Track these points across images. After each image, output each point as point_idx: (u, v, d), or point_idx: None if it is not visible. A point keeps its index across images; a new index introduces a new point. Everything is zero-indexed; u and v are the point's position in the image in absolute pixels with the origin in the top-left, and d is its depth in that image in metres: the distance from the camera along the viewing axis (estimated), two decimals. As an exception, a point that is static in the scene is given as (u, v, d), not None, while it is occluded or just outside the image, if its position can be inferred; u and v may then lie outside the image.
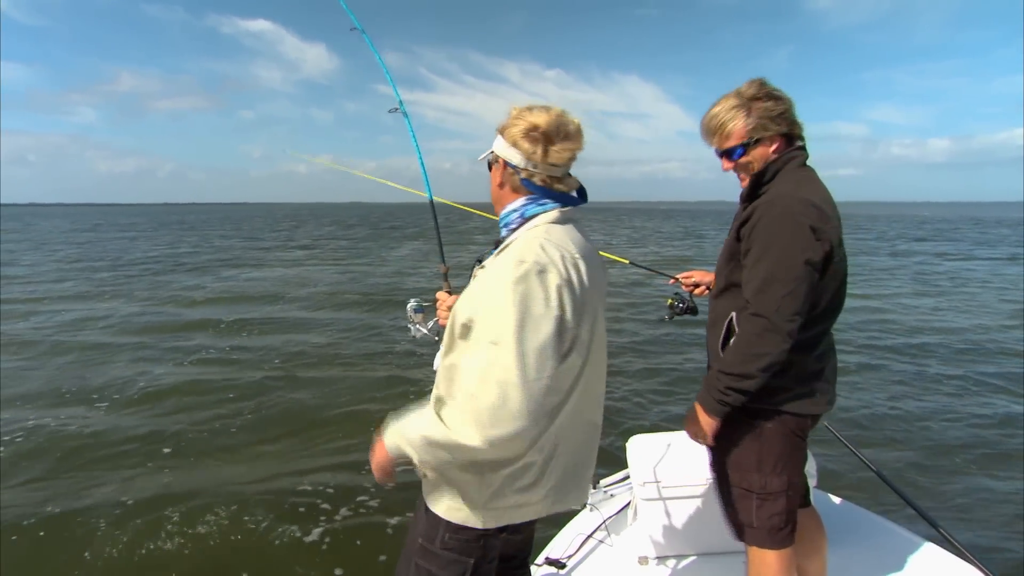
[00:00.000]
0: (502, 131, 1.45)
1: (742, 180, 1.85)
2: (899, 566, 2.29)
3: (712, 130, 1.82)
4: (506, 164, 1.45)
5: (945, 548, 2.31)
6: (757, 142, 1.77)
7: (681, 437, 2.63)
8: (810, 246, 1.64)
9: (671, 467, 2.40)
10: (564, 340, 1.29)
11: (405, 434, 1.34)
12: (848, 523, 2.51)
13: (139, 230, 45.89)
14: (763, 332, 1.65)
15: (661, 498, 2.39)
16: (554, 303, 1.26)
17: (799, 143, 1.82)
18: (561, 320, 1.27)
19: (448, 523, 1.44)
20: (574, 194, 1.50)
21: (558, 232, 1.40)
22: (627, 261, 3.03)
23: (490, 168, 1.53)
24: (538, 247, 1.33)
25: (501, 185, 1.48)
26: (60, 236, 38.21)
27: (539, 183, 1.43)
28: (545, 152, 1.40)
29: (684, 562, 2.43)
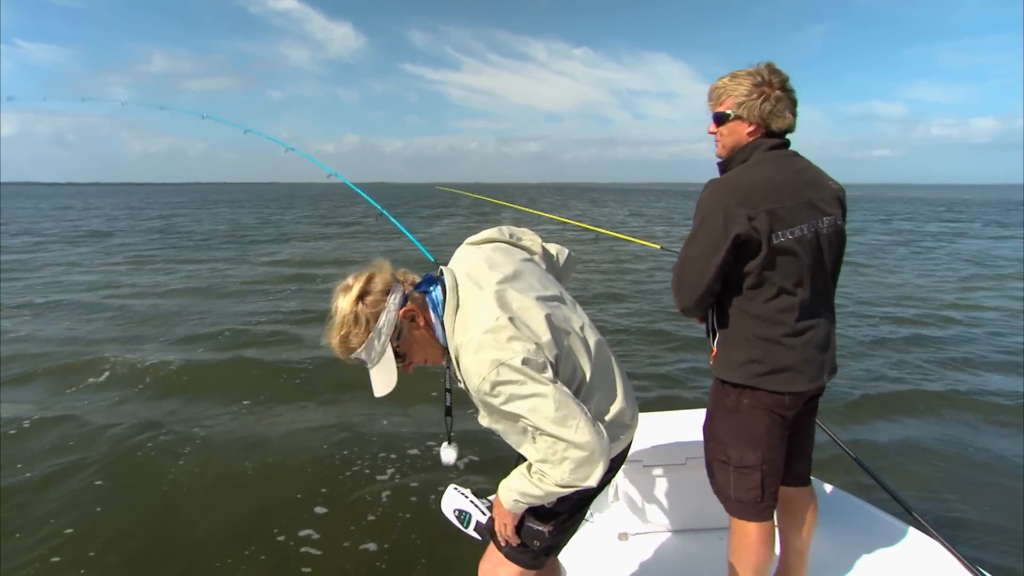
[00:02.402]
0: (374, 315, 1.51)
1: (717, 148, 1.97)
2: (872, 545, 2.36)
3: (712, 96, 1.95)
4: (406, 316, 1.55)
5: (918, 529, 2.38)
6: (738, 117, 1.88)
7: (660, 417, 2.70)
8: (719, 223, 1.77)
9: (651, 446, 2.46)
10: (552, 377, 1.45)
11: (523, 493, 1.56)
12: (829, 505, 2.57)
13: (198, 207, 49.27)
14: (680, 296, 1.91)
15: (641, 476, 2.44)
16: (531, 375, 1.41)
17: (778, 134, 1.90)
18: (541, 372, 1.43)
19: None
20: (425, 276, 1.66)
21: (463, 295, 1.55)
22: (658, 247, 3.05)
23: (401, 357, 1.59)
24: (475, 350, 1.45)
25: (425, 320, 1.58)
26: (126, 213, 40.40)
27: (406, 290, 1.57)
28: (380, 295, 1.52)
29: (662, 538, 2.49)
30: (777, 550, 2.08)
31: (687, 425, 2.54)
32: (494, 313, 1.48)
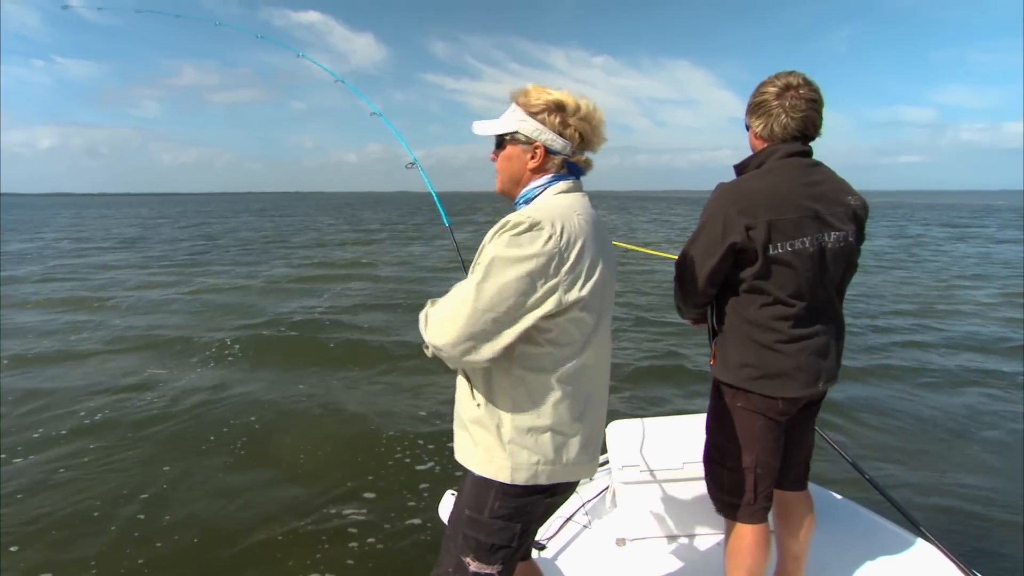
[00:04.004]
0: (535, 113, 1.49)
1: None
2: (870, 549, 2.34)
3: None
4: (547, 151, 1.50)
5: (916, 534, 2.36)
6: (748, 127, 1.93)
7: (658, 423, 2.70)
8: (718, 229, 1.80)
9: (648, 452, 2.46)
10: (537, 291, 1.37)
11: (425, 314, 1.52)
12: (826, 509, 2.55)
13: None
14: (676, 294, 2.00)
15: (638, 482, 2.45)
16: (532, 255, 1.34)
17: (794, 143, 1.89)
18: (537, 272, 1.35)
19: (496, 491, 1.50)
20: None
21: (570, 198, 1.49)
22: (676, 258, 3.08)
23: (503, 146, 1.55)
24: (540, 210, 1.42)
25: (537, 169, 1.53)
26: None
27: (574, 163, 1.54)
28: (582, 137, 1.51)
29: (660, 543, 2.49)
30: (774, 554, 2.08)
31: (684, 431, 2.54)
32: (575, 218, 1.42)
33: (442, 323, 1.41)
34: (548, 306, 1.38)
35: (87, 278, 14.61)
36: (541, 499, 1.54)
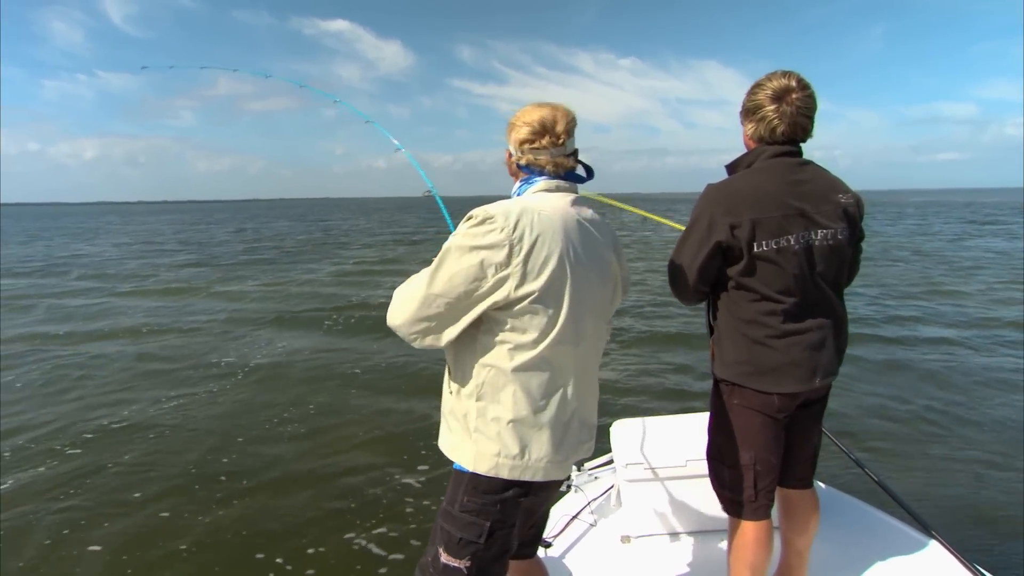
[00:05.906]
0: (511, 133, 1.67)
1: None
2: (874, 546, 2.32)
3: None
4: (509, 154, 1.68)
5: (921, 532, 2.34)
6: (743, 122, 1.96)
7: (662, 421, 2.71)
8: (704, 228, 1.83)
9: (652, 450, 2.48)
10: (488, 279, 1.44)
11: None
12: (830, 506, 2.53)
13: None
14: (671, 286, 1.99)
15: (643, 480, 2.46)
16: (483, 245, 1.43)
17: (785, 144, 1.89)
18: (487, 261, 1.43)
19: (466, 485, 1.53)
20: (580, 172, 1.68)
21: (533, 198, 1.57)
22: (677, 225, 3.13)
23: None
24: (499, 204, 1.50)
25: (510, 173, 1.72)
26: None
27: (525, 163, 1.64)
28: (534, 140, 1.61)
29: (665, 541, 2.50)
30: (778, 550, 2.07)
31: (687, 429, 2.55)
32: (539, 213, 1.48)
33: (399, 304, 1.54)
34: (498, 296, 1.45)
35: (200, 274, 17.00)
36: (514, 499, 1.54)
